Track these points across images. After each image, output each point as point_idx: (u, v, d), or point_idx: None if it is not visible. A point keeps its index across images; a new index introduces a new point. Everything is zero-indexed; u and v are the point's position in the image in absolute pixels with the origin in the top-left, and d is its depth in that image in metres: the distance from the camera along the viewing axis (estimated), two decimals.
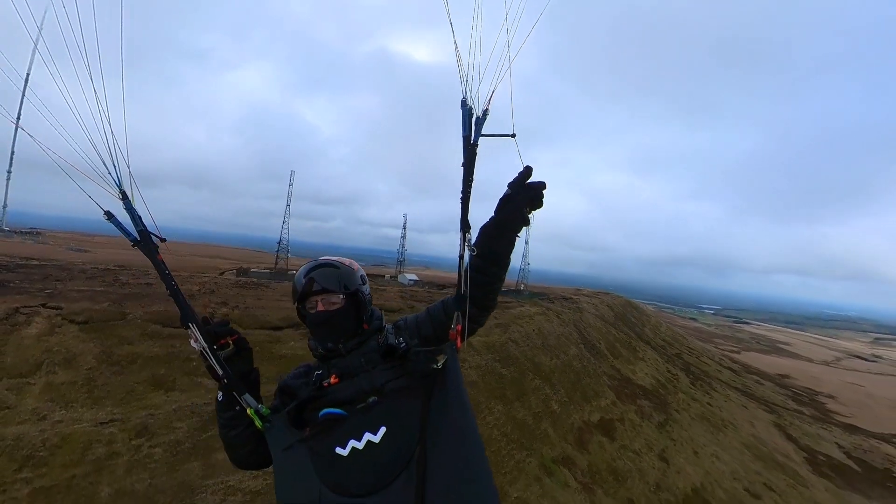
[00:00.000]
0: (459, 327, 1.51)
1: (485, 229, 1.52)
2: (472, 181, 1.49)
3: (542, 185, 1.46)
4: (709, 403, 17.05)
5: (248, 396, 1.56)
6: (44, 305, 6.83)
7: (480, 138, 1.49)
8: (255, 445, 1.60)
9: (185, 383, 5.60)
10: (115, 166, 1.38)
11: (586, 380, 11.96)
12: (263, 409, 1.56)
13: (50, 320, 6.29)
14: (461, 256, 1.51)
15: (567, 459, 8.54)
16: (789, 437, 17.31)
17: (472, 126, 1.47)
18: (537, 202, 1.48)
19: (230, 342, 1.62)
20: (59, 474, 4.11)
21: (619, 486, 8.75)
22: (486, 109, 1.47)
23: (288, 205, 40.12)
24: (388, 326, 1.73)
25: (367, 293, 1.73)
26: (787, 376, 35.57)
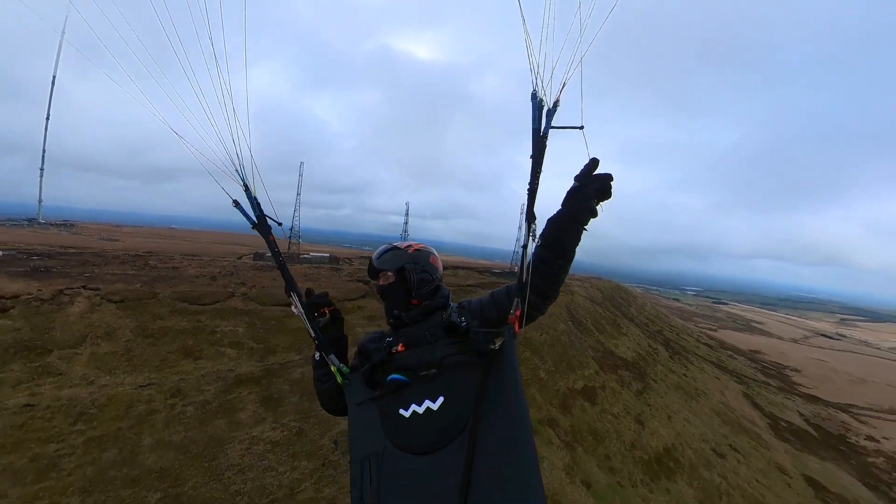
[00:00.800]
0: (518, 313, 1.48)
1: (552, 221, 1.45)
2: (540, 173, 1.42)
3: (609, 177, 1.37)
4: (684, 374, 17.40)
5: (333, 357, 1.70)
6: (84, 287, 7.13)
7: (551, 130, 1.40)
8: (340, 397, 1.72)
9: (211, 353, 5.94)
10: (240, 166, 1.60)
11: (572, 352, 12.25)
12: (344, 369, 1.70)
13: (90, 300, 6.61)
14: (524, 246, 1.46)
15: (552, 421, 8.89)
16: (756, 406, 17.75)
17: (543, 118, 1.38)
18: (605, 193, 1.39)
19: (327, 312, 1.77)
20: (108, 427, 4.48)
21: (598, 444, 9.12)
22: (557, 101, 1.36)
23: (298, 194, 40.23)
24: (453, 305, 1.77)
25: (416, 272, 1.76)
26: (758, 352, 36.04)
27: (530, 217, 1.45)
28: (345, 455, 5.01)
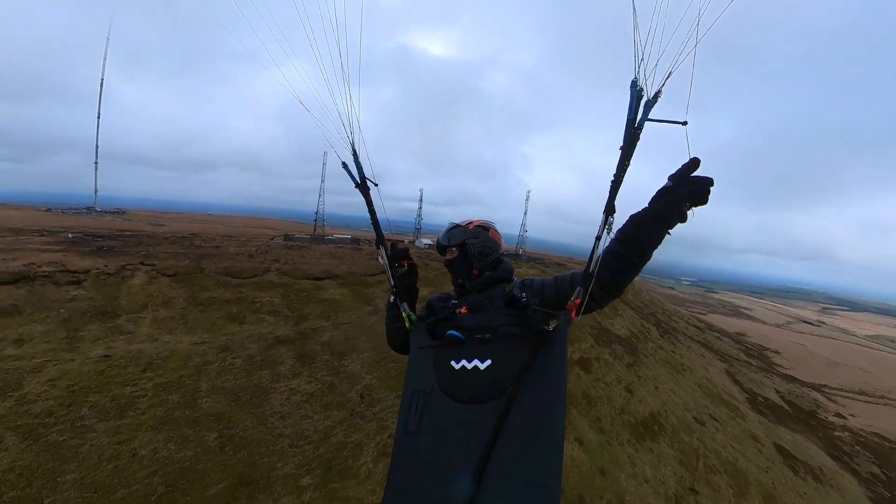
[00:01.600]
0: (578, 301, 1.39)
1: (635, 218, 1.30)
2: (627, 166, 1.28)
3: (709, 182, 1.19)
4: (672, 351, 17.60)
5: (405, 304, 1.79)
6: (142, 263, 7.57)
7: (646, 123, 1.24)
8: (405, 338, 1.81)
9: (252, 319, 6.35)
10: (348, 133, 1.65)
11: (571, 328, 12.53)
12: (413, 316, 1.79)
13: (148, 274, 7.04)
14: (598, 237, 1.34)
15: None
16: (736, 382, 17.92)
17: (640, 108, 1.22)
18: (700, 198, 1.21)
19: (406, 265, 1.84)
20: (171, 375, 4.91)
21: (591, 408, 9.45)
22: (659, 91, 1.20)
23: (322, 181, 40.62)
24: (517, 280, 1.75)
25: (476, 246, 1.80)
26: (743, 334, 35.88)
27: (609, 209, 1.32)
28: (369, 408, 5.39)
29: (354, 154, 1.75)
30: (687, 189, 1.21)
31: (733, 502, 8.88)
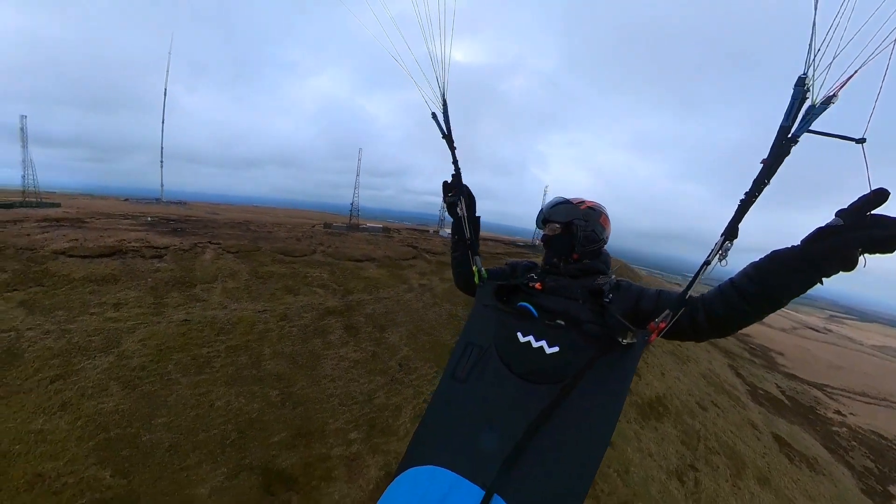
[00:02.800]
0: (663, 325, 1.15)
1: (778, 257, 0.99)
2: (767, 184, 0.98)
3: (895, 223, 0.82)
4: (678, 344, 17.25)
5: (476, 258, 1.65)
6: (210, 242, 7.95)
7: (805, 134, 0.92)
8: (468, 280, 1.68)
9: (306, 291, 6.59)
10: (440, 86, 1.54)
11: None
12: (484, 272, 1.63)
13: (215, 251, 7.39)
14: (707, 262, 1.09)
15: None
16: (738, 375, 17.40)
17: (800, 115, 0.91)
18: (883, 246, 0.84)
19: (456, 192, 1.65)
20: (239, 339, 5.18)
21: None
22: (832, 97, 0.88)
23: (357, 175, 41.27)
24: (612, 278, 1.49)
25: (584, 228, 1.53)
26: (747, 335, 34.66)
27: (730, 232, 1.04)
28: (406, 375, 5.55)
29: (444, 104, 1.57)
30: (866, 232, 0.84)
31: (730, 481, 8.76)
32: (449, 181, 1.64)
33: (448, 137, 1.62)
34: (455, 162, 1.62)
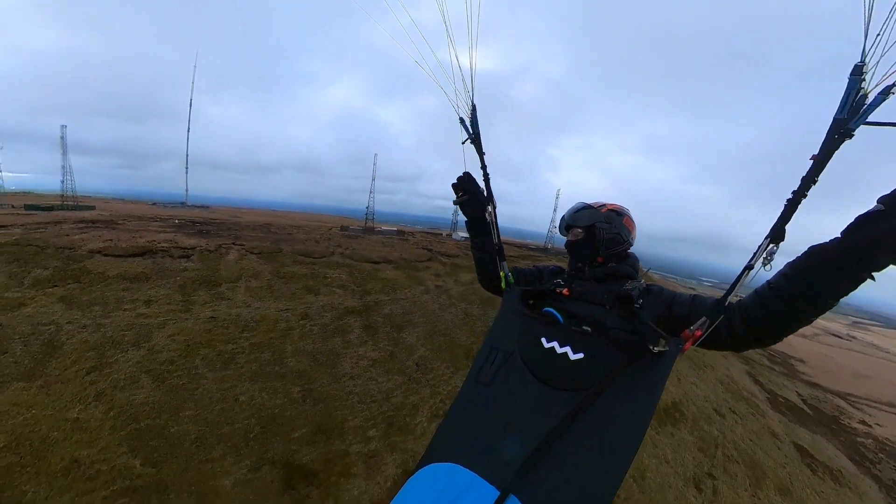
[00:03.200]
0: (699, 333, 1.08)
1: (818, 252, 0.90)
2: (816, 180, 0.89)
3: None
4: (695, 349, 16.75)
5: (503, 263, 1.60)
6: (233, 243, 8.13)
7: (862, 126, 0.83)
8: (491, 276, 1.64)
9: (326, 291, 6.66)
10: (469, 93, 1.52)
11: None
12: (510, 277, 1.59)
13: (239, 252, 7.55)
14: (749, 267, 0.99)
15: None
16: (757, 382, 16.73)
17: (853, 105, 0.83)
18: None
19: (463, 193, 1.61)
20: (262, 336, 5.26)
21: None
22: (893, 86, 0.79)
23: (373, 179, 41.87)
24: (641, 283, 1.43)
25: (606, 231, 1.48)
26: None
27: (777, 234, 0.95)
28: (423, 375, 5.54)
29: (473, 109, 1.54)
30: None
31: (749, 490, 8.43)
32: (455, 182, 1.59)
33: (476, 141, 1.58)
34: (483, 167, 1.58)
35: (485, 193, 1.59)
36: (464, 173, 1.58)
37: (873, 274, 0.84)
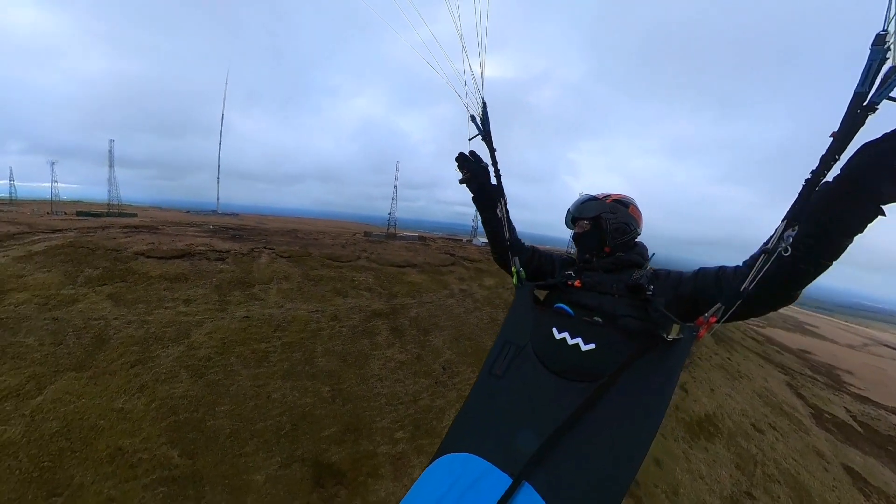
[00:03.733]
0: (714, 320, 1.03)
1: (825, 192, 0.84)
2: (837, 159, 0.81)
3: None
4: (728, 358, 15.88)
5: (516, 259, 1.60)
6: (265, 247, 8.37)
7: (889, 102, 0.76)
8: (503, 249, 1.63)
9: (353, 294, 6.74)
10: (479, 91, 1.47)
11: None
12: (522, 273, 1.59)
13: (270, 255, 7.76)
14: (766, 250, 0.93)
15: None
16: (799, 396, 15.56)
17: (879, 78, 0.76)
18: None
19: (467, 172, 1.58)
20: (293, 336, 5.35)
21: None
22: None
23: (395, 186, 42.62)
24: (649, 269, 1.42)
25: (612, 221, 1.47)
26: (807, 351, 30.93)
27: (795, 215, 0.88)
28: (450, 378, 5.49)
29: (483, 107, 1.54)
30: None
31: None
32: (457, 160, 1.57)
33: (487, 138, 1.57)
34: (495, 163, 1.57)
35: (489, 169, 1.58)
36: (462, 152, 1.58)
37: (881, 206, 0.79)
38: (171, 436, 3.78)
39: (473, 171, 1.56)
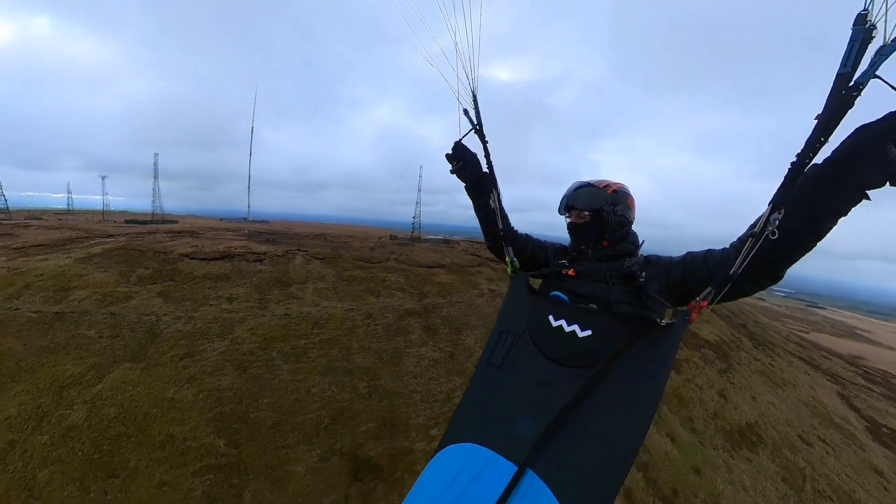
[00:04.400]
0: (705, 304, 1.05)
1: (810, 176, 0.85)
2: (825, 142, 0.80)
3: None
4: (770, 364, 14.89)
5: (510, 249, 1.59)
6: (298, 249, 8.60)
7: (872, 80, 0.74)
8: (495, 234, 1.63)
9: (386, 294, 6.80)
10: (470, 82, 1.51)
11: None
12: (516, 262, 1.58)
13: (304, 257, 7.96)
14: (753, 234, 0.94)
15: None
16: (852, 407, 14.33)
17: (860, 56, 0.74)
18: None
19: (459, 161, 1.60)
20: (330, 333, 5.44)
21: (682, 407, 8.45)
22: None
23: (419, 191, 43.19)
24: (641, 256, 1.41)
25: (614, 214, 1.42)
26: (860, 357, 28.54)
27: (780, 199, 0.88)
28: None
29: (474, 99, 1.55)
30: (891, 120, 0.73)
31: None
32: (448, 153, 1.59)
33: (480, 131, 1.58)
34: (487, 155, 1.58)
35: (478, 159, 1.59)
36: (455, 143, 1.58)
37: (867, 192, 0.81)
38: (217, 425, 3.90)
39: (466, 159, 1.56)
